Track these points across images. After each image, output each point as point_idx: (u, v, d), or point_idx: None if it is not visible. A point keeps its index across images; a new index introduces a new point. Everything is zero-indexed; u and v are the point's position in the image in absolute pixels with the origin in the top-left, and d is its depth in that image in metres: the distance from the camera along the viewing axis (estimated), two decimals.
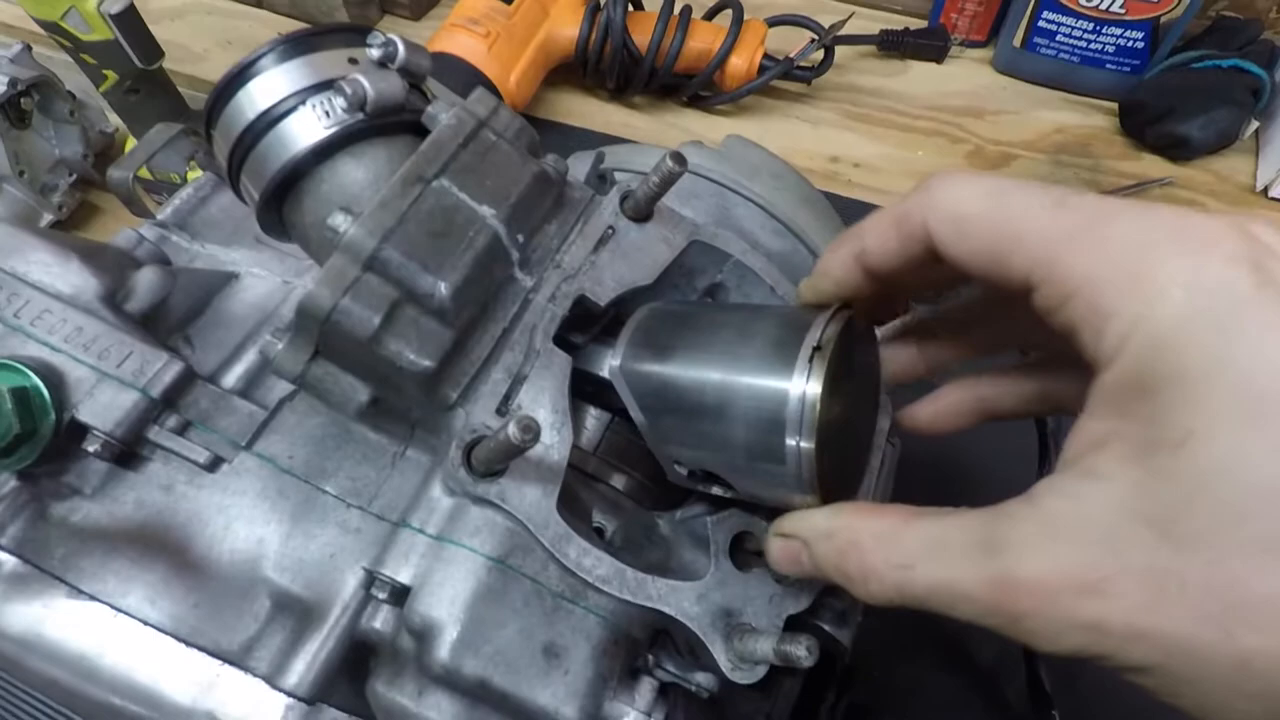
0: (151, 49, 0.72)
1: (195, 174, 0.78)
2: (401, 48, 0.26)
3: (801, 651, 0.25)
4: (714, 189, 0.35)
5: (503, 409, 0.26)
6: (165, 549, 0.26)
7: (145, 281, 0.33)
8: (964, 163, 0.72)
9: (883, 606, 0.22)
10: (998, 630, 0.19)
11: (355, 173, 0.26)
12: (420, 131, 0.28)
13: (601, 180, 0.35)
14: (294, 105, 0.25)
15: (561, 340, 0.29)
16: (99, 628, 0.25)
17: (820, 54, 0.74)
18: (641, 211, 0.31)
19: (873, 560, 0.21)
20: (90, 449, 0.26)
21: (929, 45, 0.79)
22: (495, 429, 0.24)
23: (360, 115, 0.25)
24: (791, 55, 0.73)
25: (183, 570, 0.26)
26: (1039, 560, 0.18)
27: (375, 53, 0.26)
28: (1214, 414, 0.16)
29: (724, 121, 0.76)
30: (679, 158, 0.29)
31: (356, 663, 0.27)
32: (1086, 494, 0.18)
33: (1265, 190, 0.68)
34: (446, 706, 0.24)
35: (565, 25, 0.72)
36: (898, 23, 0.81)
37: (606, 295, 0.30)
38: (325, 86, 0.26)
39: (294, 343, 0.25)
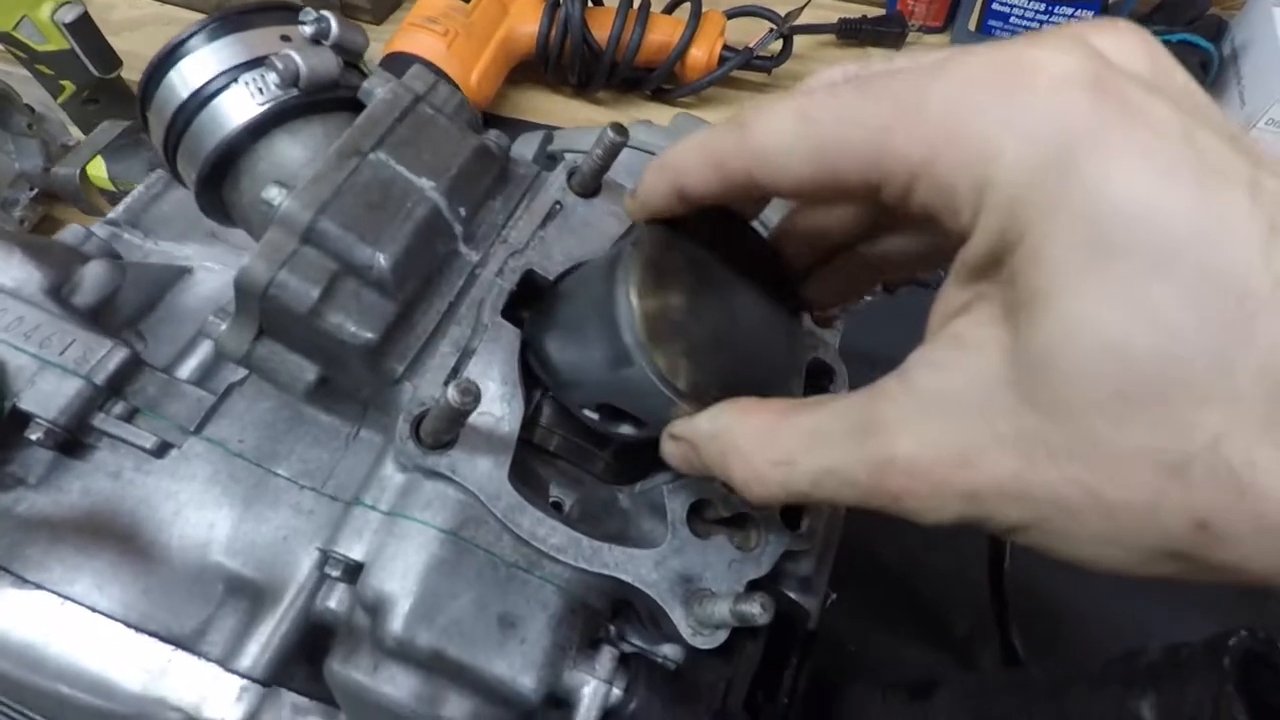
0: (109, 57, 0.71)
1: None
2: (334, 24, 0.26)
3: (756, 609, 0.25)
4: None
5: (449, 380, 0.26)
6: (113, 536, 0.26)
7: (92, 275, 0.33)
8: None
9: (777, 504, 0.22)
10: (881, 510, 0.19)
11: (292, 150, 0.26)
12: (357, 108, 0.28)
13: (551, 160, 0.35)
14: (225, 83, 0.25)
15: (512, 317, 0.29)
16: (45, 616, 0.25)
17: (779, 44, 0.75)
18: (588, 186, 0.31)
19: (755, 461, 0.21)
20: (33, 437, 0.26)
21: (887, 32, 0.80)
22: (452, 385, 0.24)
23: (294, 91, 0.25)
24: (751, 45, 0.73)
25: (131, 556, 0.26)
26: (913, 439, 0.18)
27: (308, 29, 0.26)
28: (1056, 269, 0.15)
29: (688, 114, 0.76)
30: (619, 128, 0.29)
31: (314, 645, 0.27)
32: (954, 365, 0.17)
33: None
34: (402, 680, 0.24)
35: (525, 22, 0.73)
36: (855, 11, 0.82)
37: (555, 269, 0.30)
38: (257, 63, 0.25)
39: (237, 321, 0.25)
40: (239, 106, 0.25)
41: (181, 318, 0.35)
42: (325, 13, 0.26)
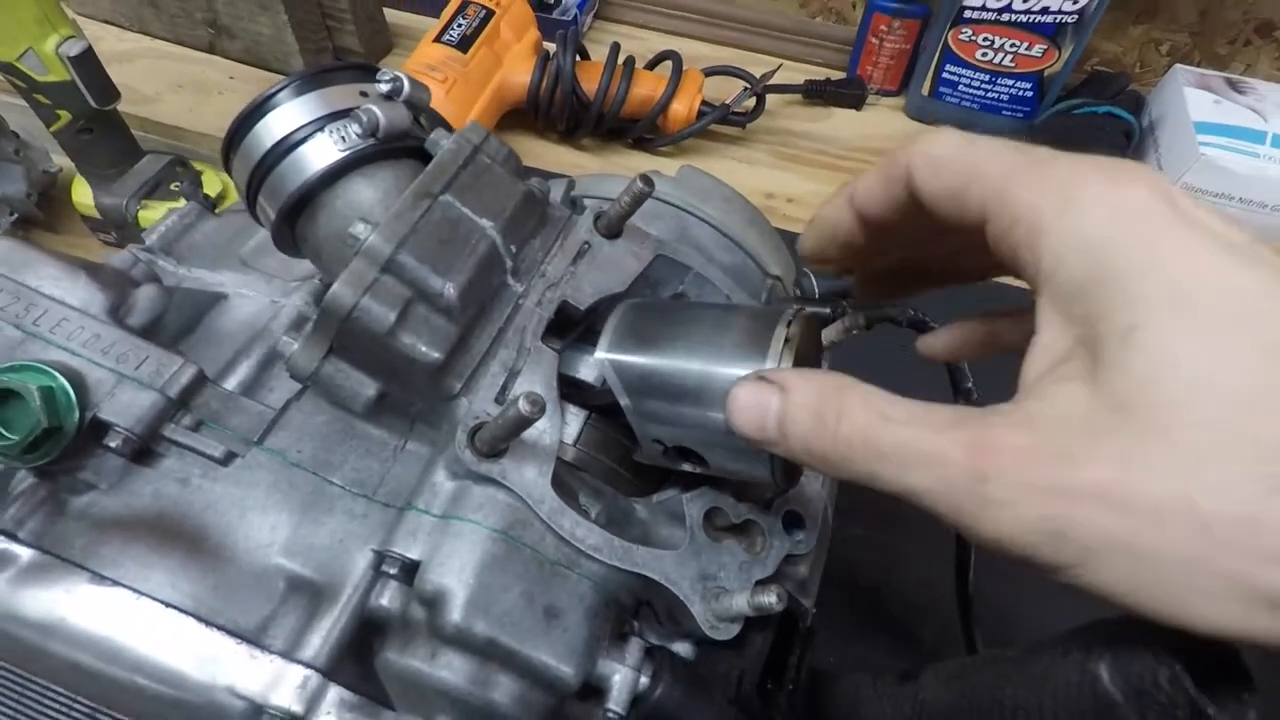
0: (108, 89, 0.73)
1: (146, 211, 0.78)
2: (406, 83, 0.29)
3: (773, 599, 0.28)
4: (673, 211, 0.40)
5: (500, 399, 0.30)
6: (182, 537, 0.28)
7: (145, 298, 0.35)
8: None
9: (832, 471, 0.22)
10: (951, 511, 0.19)
11: (366, 191, 0.29)
12: (420, 156, 0.31)
13: (573, 205, 0.39)
14: (311, 132, 0.28)
15: (547, 342, 0.32)
16: (121, 612, 0.27)
17: (752, 101, 0.81)
18: (613, 229, 0.35)
19: (852, 402, 0.21)
20: (112, 444, 0.28)
21: (848, 94, 0.88)
22: (495, 414, 0.28)
23: (372, 140, 0.29)
24: (728, 102, 0.79)
25: (200, 556, 0.28)
26: (1019, 433, 0.19)
27: (384, 87, 0.29)
28: (1151, 310, 0.18)
29: (667, 162, 0.82)
30: (647, 179, 0.33)
31: (360, 645, 0.29)
32: (1055, 394, 0.19)
33: None
34: (458, 665, 0.27)
35: (518, 73, 0.77)
36: (820, 74, 0.89)
37: (585, 301, 0.34)
38: (340, 115, 0.29)
39: (310, 340, 0.28)
40: (322, 153, 0.28)
41: (219, 340, 0.37)
42: (399, 73, 0.29)
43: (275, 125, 0.29)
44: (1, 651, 0.27)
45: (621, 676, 0.29)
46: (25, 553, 0.27)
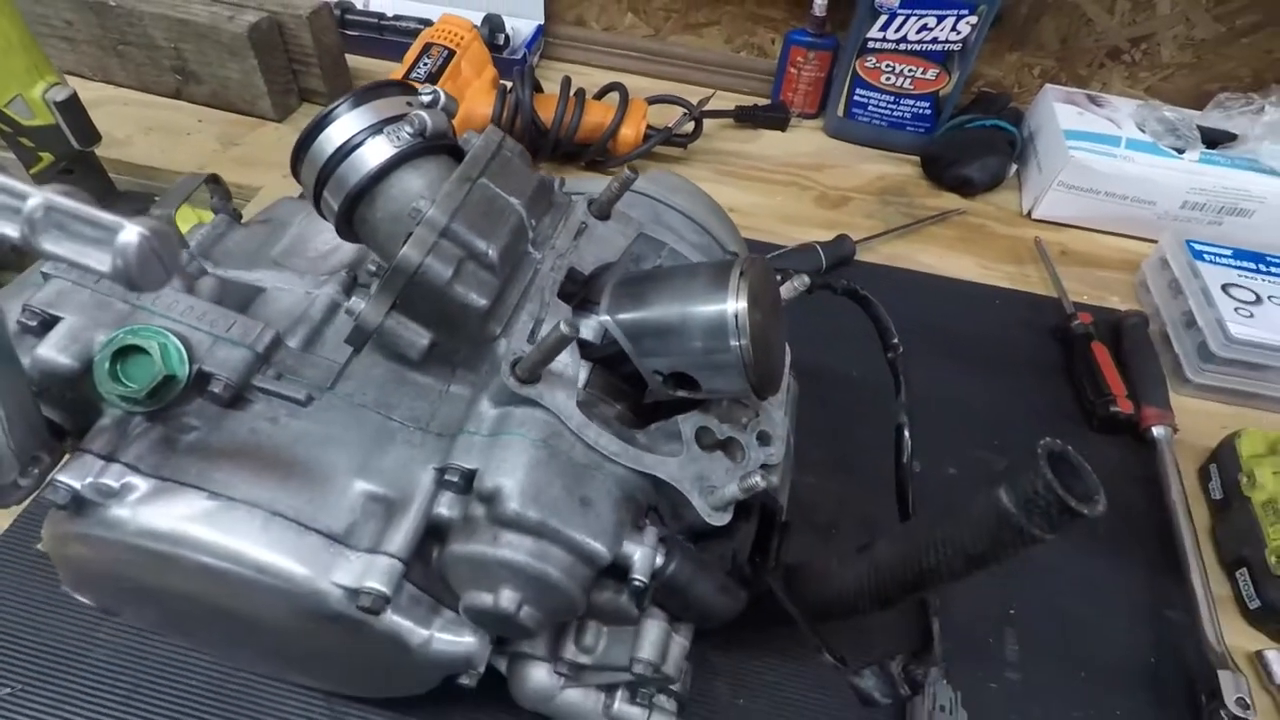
0: (90, 132, 0.78)
1: None
2: (442, 96, 0.37)
3: (757, 479, 0.36)
4: (648, 201, 0.48)
5: (531, 339, 0.37)
6: (278, 463, 0.34)
7: (207, 286, 0.41)
8: (814, 205, 0.91)
9: None
10: None
11: (415, 180, 0.36)
12: (451, 153, 0.39)
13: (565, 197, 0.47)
14: (370, 135, 0.36)
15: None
16: (237, 520, 0.32)
17: (691, 125, 0.91)
18: (604, 211, 0.44)
19: None
20: (215, 390, 0.34)
21: (774, 117, 0.99)
22: (532, 347, 0.35)
23: (420, 139, 0.36)
24: (669, 126, 0.89)
25: (294, 478, 0.34)
26: None
27: (426, 98, 0.37)
28: None
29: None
30: (633, 169, 0.42)
31: (423, 549, 0.36)
32: None
33: (1029, 213, 0.90)
34: (519, 542, 0.33)
35: (480, 105, 0.85)
36: (748, 100, 1.00)
37: (586, 268, 0.42)
38: (392, 120, 0.36)
39: (378, 298, 0.35)
40: (379, 150, 0.36)
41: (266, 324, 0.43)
42: (436, 88, 0.37)
43: (336, 134, 0.36)
44: (143, 564, 0.33)
45: (642, 554, 0.36)
46: (146, 482, 0.33)
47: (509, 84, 0.87)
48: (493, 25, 1.01)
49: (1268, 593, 0.57)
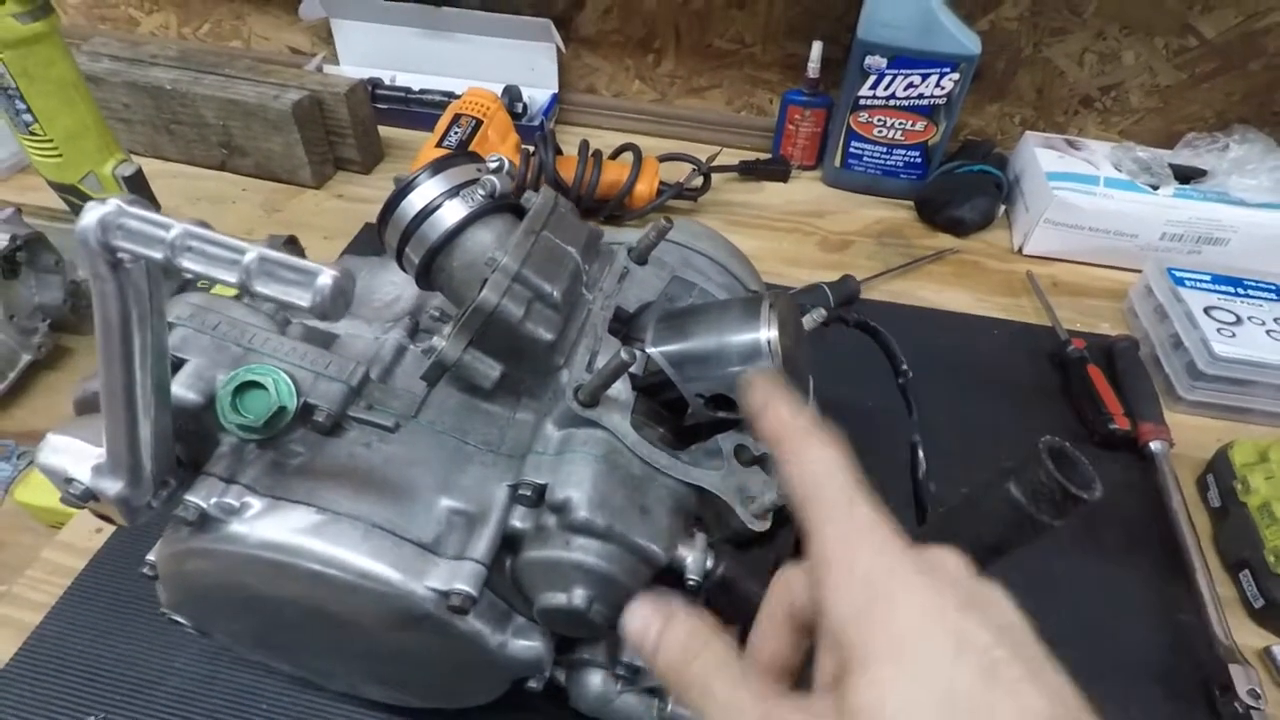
0: (152, 203, 0.84)
1: None
2: (506, 163, 0.43)
3: None
4: (677, 248, 0.54)
5: (589, 369, 0.42)
6: (372, 482, 0.39)
7: (296, 332, 0.46)
8: (817, 249, 0.97)
9: (671, 688, 0.29)
10: None
11: (486, 235, 0.42)
12: (513, 211, 0.44)
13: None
14: (447, 199, 0.41)
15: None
16: (341, 532, 0.37)
17: (700, 180, 0.98)
18: (642, 258, 0.49)
19: (707, 654, 0.28)
20: (318, 419, 0.39)
21: (776, 169, 1.06)
22: (595, 371, 0.40)
23: (490, 200, 0.42)
24: (680, 181, 0.96)
25: (387, 495, 0.39)
26: (796, 715, 0.25)
27: (493, 164, 0.43)
28: (875, 658, 0.23)
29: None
30: (668, 219, 0.47)
31: (499, 559, 0.40)
32: (822, 702, 0.25)
33: (1019, 249, 0.96)
34: (589, 546, 0.38)
35: None
36: (751, 155, 1.08)
37: (631, 307, 0.47)
38: (465, 185, 0.42)
39: (457, 336, 0.40)
40: (455, 211, 0.41)
41: None
42: (501, 156, 0.43)
43: (418, 199, 0.42)
44: (259, 573, 0.37)
45: (694, 557, 0.40)
46: (261, 501, 0.38)
47: (531, 148, 0.94)
48: (512, 95, 1.09)
49: (1270, 591, 0.60)
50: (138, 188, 0.81)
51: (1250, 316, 0.77)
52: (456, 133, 0.91)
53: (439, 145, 0.90)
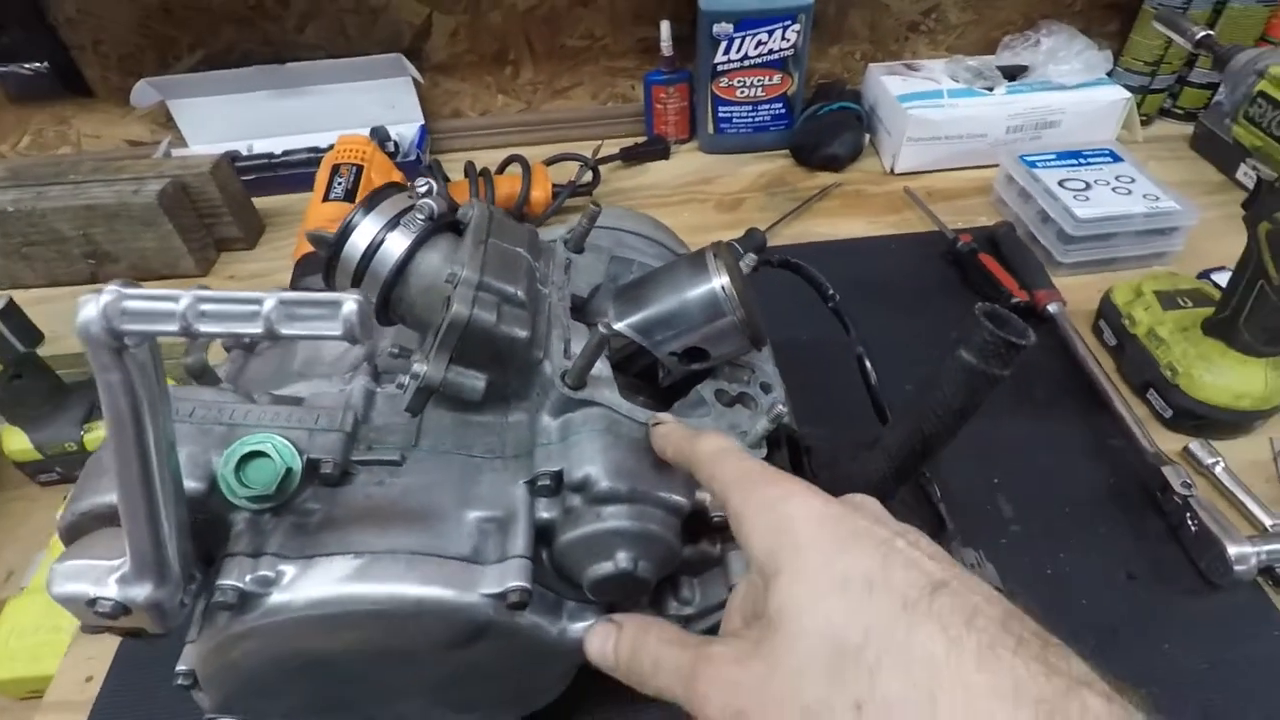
0: (33, 332, 0.79)
1: (92, 434, 0.84)
2: (434, 184, 0.44)
3: (781, 407, 0.44)
4: (606, 231, 0.56)
5: (567, 355, 0.44)
6: (397, 515, 0.40)
7: (266, 402, 0.46)
8: (715, 212, 1.02)
9: (634, 680, 0.33)
10: (683, 698, 0.29)
11: (434, 257, 0.43)
12: (451, 228, 0.46)
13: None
14: (389, 232, 0.42)
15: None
16: (385, 568, 0.38)
17: (590, 175, 1.01)
18: (579, 246, 0.52)
19: (648, 637, 0.33)
20: (326, 470, 0.39)
21: (656, 150, 1.10)
22: (575, 356, 0.42)
23: (430, 223, 0.43)
24: (572, 180, 0.99)
25: (416, 523, 0.40)
26: (719, 646, 0.29)
27: (422, 188, 0.44)
28: (786, 576, 0.26)
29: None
30: (595, 203, 0.50)
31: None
32: (743, 629, 0.30)
33: (892, 170, 1.04)
34: (620, 512, 0.40)
35: None
36: (629, 141, 1.12)
37: (583, 292, 0.49)
38: (402, 214, 0.43)
39: (437, 357, 0.41)
40: (399, 241, 0.42)
41: None
42: (428, 180, 0.44)
43: (360, 239, 0.43)
44: (314, 632, 0.37)
45: (712, 497, 0.43)
46: (294, 565, 0.38)
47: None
48: (380, 136, 1.08)
49: (1173, 400, 0.69)
50: (11, 318, 0.76)
51: (1096, 180, 0.88)
52: (340, 183, 0.90)
53: (325, 200, 0.89)
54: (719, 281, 0.45)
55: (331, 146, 0.98)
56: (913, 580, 0.25)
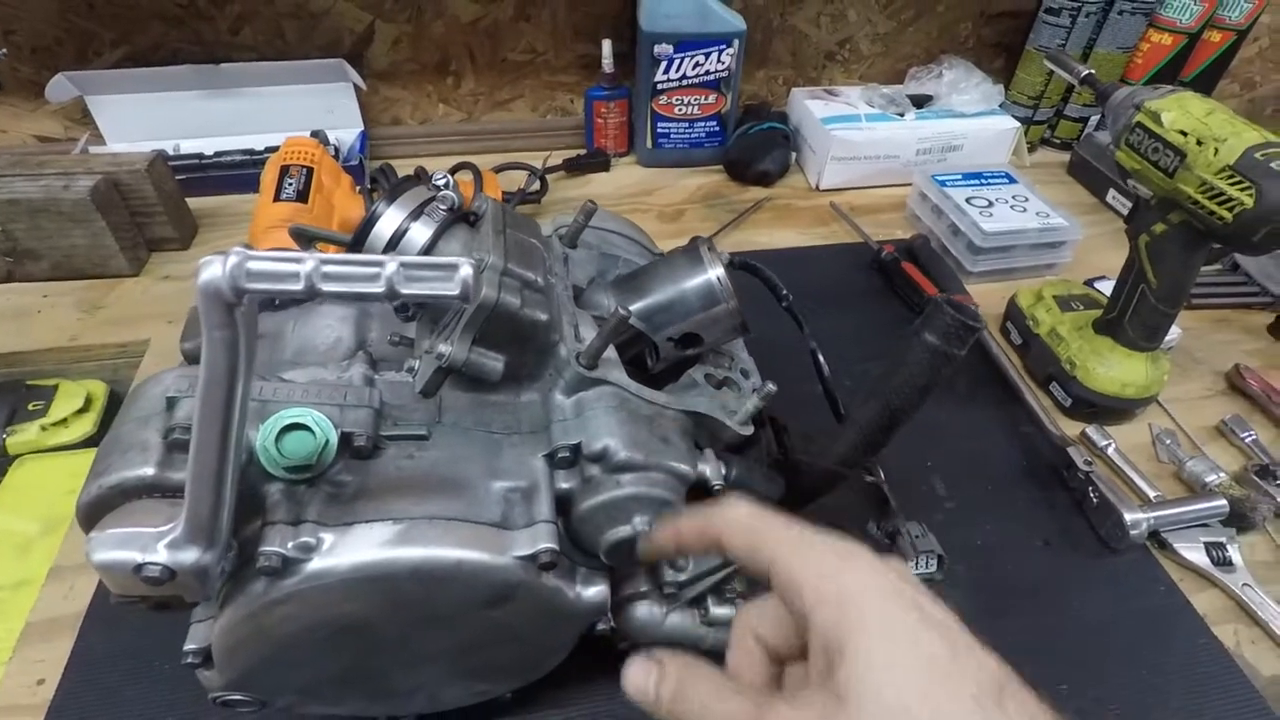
0: None
1: (14, 438, 0.80)
2: (451, 178, 0.47)
3: (769, 386, 0.49)
4: (592, 231, 0.60)
5: (578, 339, 0.48)
6: (428, 485, 0.42)
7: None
8: (657, 222, 1.07)
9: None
10: None
11: (454, 246, 0.46)
12: (465, 220, 0.49)
13: None
14: (412, 220, 0.45)
15: None
16: (423, 532, 0.40)
17: (538, 184, 1.05)
18: (573, 241, 0.56)
19: (696, 681, 0.31)
20: (359, 443, 0.41)
21: (597, 161, 1.15)
22: (592, 338, 0.46)
23: (451, 214, 0.46)
24: (523, 187, 1.02)
25: (447, 492, 0.42)
26: (786, 709, 0.28)
27: (441, 182, 0.47)
28: (857, 651, 0.26)
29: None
30: (592, 203, 0.54)
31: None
32: (810, 693, 0.28)
33: (817, 186, 1.13)
34: (635, 479, 0.43)
35: (351, 208, 0.92)
36: (572, 153, 1.16)
37: (581, 283, 0.53)
38: (425, 204, 0.46)
39: (462, 338, 0.44)
40: (423, 231, 0.45)
41: None
42: (445, 173, 0.47)
43: (385, 227, 0.45)
44: (357, 595, 0.39)
45: (711, 467, 0.48)
46: (333, 533, 0.39)
47: (370, 185, 0.95)
48: (319, 140, 1.08)
49: (1072, 390, 0.80)
50: None
51: (997, 199, 0.99)
52: (291, 183, 0.89)
53: (277, 200, 0.88)
54: (714, 272, 0.50)
55: (269, 149, 0.97)
56: (981, 673, 0.27)
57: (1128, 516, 0.66)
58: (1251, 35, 1.18)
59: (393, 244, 0.45)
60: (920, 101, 1.15)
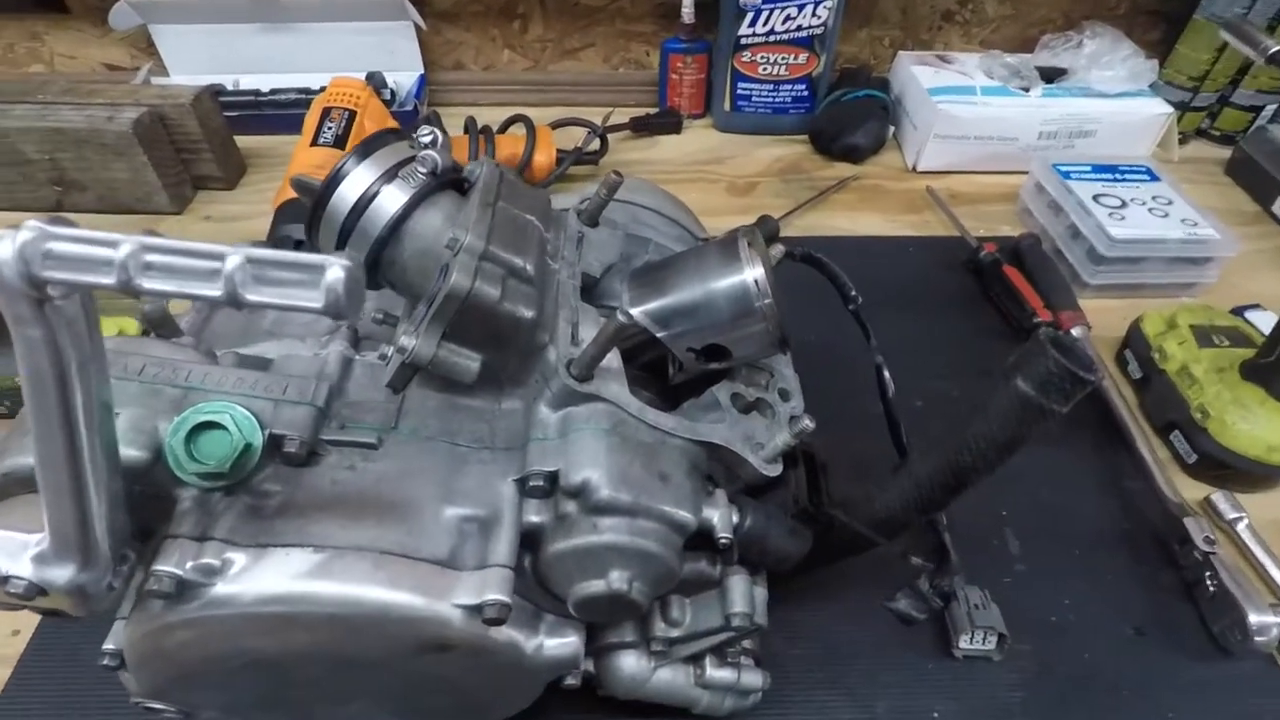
0: None
1: None
2: (439, 134, 0.39)
3: (806, 422, 0.40)
4: (621, 206, 0.51)
5: (574, 342, 0.39)
6: (367, 506, 0.35)
7: (229, 363, 0.41)
8: (725, 195, 0.96)
9: None
10: None
11: (434, 216, 0.38)
12: (455, 186, 0.41)
13: None
14: (384, 182, 0.37)
15: None
16: (348, 566, 0.33)
17: (597, 142, 0.96)
18: (593, 219, 0.47)
19: None
20: (290, 449, 0.34)
21: (668, 122, 1.05)
22: (585, 343, 0.37)
23: (432, 179, 0.38)
24: (579, 146, 0.93)
25: (387, 516, 0.35)
26: None
27: (425, 139, 0.39)
28: None
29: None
30: (617, 173, 0.45)
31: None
32: None
33: (914, 167, 1.00)
34: (617, 525, 0.35)
35: None
36: (638, 111, 1.06)
37: (596, 271, 0.44)
38: (401, 165, 0.38)
39: (429, 331, 0.36)
40: (396, 196, 0.37)
41: None
42: (432, 128, 0.39)
43: (350, 190, 0.37)
44: (262, 631, 0.32)
45: (720, 515, 0.39)
46: (244, 554, 0.33)
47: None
48: (376, 83, 1.02)
49: (1200, 445, 0.65)
50: None
51: (1132, 199, 0.84)
52: (330, 128, 0.83)
53: (314, 145, 0.82)
54: (752, 274, 0.40)
55: (324, 88, 0.91)
56: None
57: (1254, 618, 0.53)
58: None
59: (358, 210, 0.37)
60: (1051, 75, 0.99)
